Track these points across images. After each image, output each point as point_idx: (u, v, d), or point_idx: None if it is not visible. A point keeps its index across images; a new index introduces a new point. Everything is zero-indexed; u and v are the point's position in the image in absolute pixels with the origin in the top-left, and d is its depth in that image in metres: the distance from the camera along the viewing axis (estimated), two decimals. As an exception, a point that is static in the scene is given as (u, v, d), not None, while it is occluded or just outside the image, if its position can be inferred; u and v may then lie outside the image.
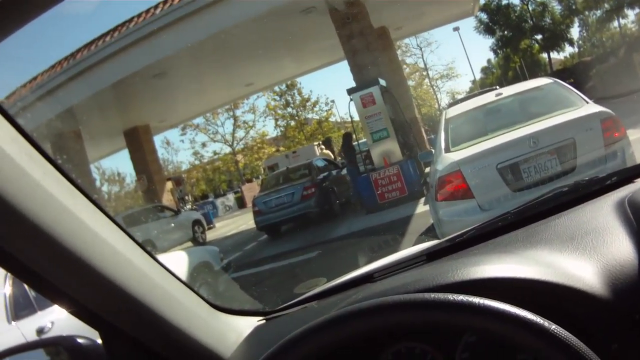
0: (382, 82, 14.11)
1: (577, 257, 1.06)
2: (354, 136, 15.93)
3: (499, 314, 0.85)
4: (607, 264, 1.00)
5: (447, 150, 5.63)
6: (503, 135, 5.32)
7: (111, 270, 1.02)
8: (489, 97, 6.54)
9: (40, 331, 4.97)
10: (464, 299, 0.88)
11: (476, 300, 0.87)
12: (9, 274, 5.01)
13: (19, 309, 5.12)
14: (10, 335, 4.81)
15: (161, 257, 1.28)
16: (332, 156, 19.84)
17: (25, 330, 4.93)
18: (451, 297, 0.89)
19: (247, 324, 1.50)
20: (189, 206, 24.72)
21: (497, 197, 5.03)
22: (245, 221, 19.69)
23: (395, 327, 0.98)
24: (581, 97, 5.71)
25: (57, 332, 4.88)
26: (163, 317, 1.15)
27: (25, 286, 5.11)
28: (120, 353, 1.22)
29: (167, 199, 22.06)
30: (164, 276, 1.22)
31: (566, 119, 5.16)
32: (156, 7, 14.27)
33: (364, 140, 15.81)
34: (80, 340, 1.42)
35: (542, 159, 4.95)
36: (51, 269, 0.95)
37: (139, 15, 14.56)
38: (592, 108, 5.33)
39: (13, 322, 4.99)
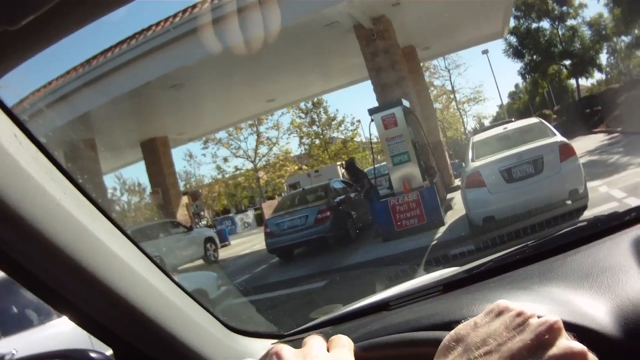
0: (406, 103, 13.60)
1: (591, 295, 1.07)
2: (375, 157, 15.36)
3: None
4: (620, 304, 1.01)
5: (473, 160, 9.58)
6: (504, 153, 9.20)
7: (128, 288, 1.04)
8: (500, 129, 10.74)
9: (1, 358, 4.93)
10: None
11: None
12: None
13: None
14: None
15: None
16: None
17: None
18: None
19: (262, 347, 1.50)
20: (204, 222, 24.39)
21: (497, 185, 8.86)
22: (260, 240, 19.39)
23: None
24: (553, 131, 9.45)
25: (20, 361, 4.87)
26: (178, 336, 1.16)
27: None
28: None
29: (182, 214, 21.71)
30: (180, 296, 1.23)
31: (539, 144, 8.95)
32: (175, 16, 14.00)
33: (383, 163, 15.28)
34: (92, 355, 1.43)
35: (524, 166, 8.79)
36: (70, 286, 0.97)
37: (157, 24, 14.28)
38: (557, 138, 9.00)
39: None
